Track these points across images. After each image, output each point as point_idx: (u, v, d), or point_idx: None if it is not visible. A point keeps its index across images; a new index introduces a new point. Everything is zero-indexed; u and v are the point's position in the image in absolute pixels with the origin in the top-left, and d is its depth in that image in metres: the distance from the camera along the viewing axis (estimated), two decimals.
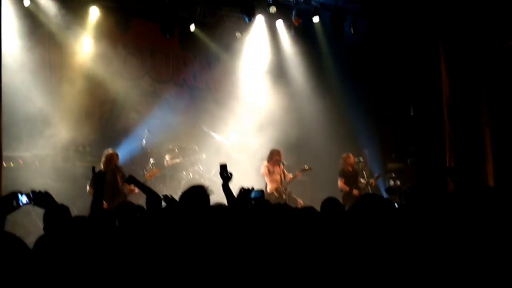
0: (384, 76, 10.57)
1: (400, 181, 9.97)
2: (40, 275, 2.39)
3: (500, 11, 8.20)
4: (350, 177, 8.96)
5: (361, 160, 9.24)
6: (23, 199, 3.03)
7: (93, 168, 3.91)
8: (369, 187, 8.79)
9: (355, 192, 8.68)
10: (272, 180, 8.58)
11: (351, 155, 9.09)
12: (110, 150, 7.47)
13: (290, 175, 8.66)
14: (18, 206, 3.01)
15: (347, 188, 8.83)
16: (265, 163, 8.72)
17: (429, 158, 9.69)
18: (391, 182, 10.14)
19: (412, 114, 10.31)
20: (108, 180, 6.98)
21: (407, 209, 4.87)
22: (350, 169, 9.01)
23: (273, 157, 8.65)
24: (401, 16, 9.71)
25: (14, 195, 2.99)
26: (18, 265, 2.02)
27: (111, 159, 7.32)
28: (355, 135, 10.58)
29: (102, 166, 7.29)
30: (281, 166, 8.65)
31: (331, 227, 3.26)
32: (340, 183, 8.92)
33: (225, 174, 3.91)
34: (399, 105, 10.48)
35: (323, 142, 10.53)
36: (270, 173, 8.62)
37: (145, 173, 7.71)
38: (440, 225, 3.38)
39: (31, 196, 3.13)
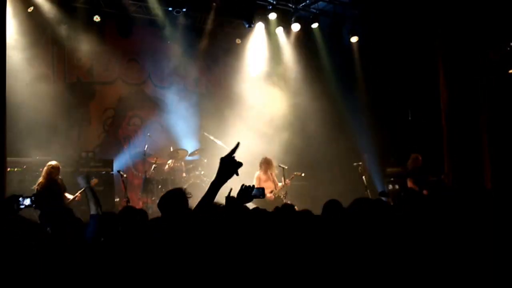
0: (383, 80, 10.64)
1: (398, 185, 9.98)
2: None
3: (498, 13, 8.23)
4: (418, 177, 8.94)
5: (361, 164, 9.29)
6: (25, 201, 3.13)
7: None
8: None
9: (425, 192, 8.60)
10: (265, 188, 8.67)
11: (419, 156, 9.06)
12: (53, 163, 7.42)
13: (279, 184, 8.74)
14: (19, 208, 3.10)
15: (416, 188, 8.80)
16: (257, 172, 8.81)
17: (428, 162, 9.72)
18: (390, 186, 10.15)
19: (410, 118, 10.37)
20: (53, 190, 7.13)
21: (400, 211, 4.93)
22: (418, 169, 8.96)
23: (262, 166, 8.76)
24: (399, 20, 9.79)
25: (15, 198, 3.09)
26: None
27: (55, 171, 7.34)
28: (355, 140, 10.66)
29: (42, 178, 7.30)
30: (272, 173, 8.77)
31: (332, 229, 3.24)
32: (409, 183, 8.86)
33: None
34: (397, 109, 10.54)
35: (322, 146, 10.61)
36: (261, 180, 8.71)
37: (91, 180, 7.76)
38: (434, 227, 3.42)
39: (33, 199, 3.22)
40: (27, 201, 3.17)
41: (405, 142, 10.39)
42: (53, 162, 7.40)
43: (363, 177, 9.09)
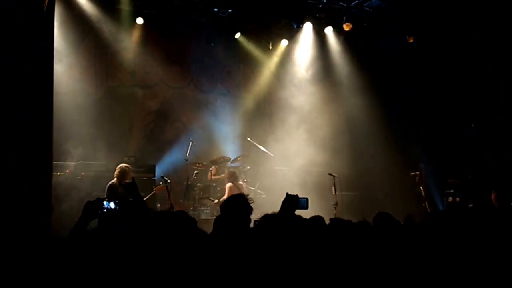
0: (443, 84, 9.86)
1: (459, 198, 9.22)
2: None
3: None
4: None
5: (418, 174, 8.62)
6: (110, 205, 3.27)
7: (133, 179, 3.84)
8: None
9: None
10: None
11: None
12: (125, 165, 7.40)
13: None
14: (102, 212, 3.22)
15: None
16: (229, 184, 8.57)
17: (490, 174, 8.92)
18: (450, 198, 9.40)
19: (473, 125, 9.56)
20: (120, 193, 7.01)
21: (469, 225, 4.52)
22: None
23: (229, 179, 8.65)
24: (460, 20, 9.08)
25: (99, 202, 3.20)
26: None
27: (127, 173, 7.25)
28: (410, 148, 9.92)
29: (115, 179, 7.26)
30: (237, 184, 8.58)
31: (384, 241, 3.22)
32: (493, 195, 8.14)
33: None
34: (459, 118, 9.73)
35: (375, 154, 9.98)
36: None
37: (154, 187, 7.61)
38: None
39: (118, 204, 3.31)
40: (111, 205, 3.29)
41: (467, 152, 9.56)
42: (122, 165, 7.37)
43: (421, 187, 8.44)
